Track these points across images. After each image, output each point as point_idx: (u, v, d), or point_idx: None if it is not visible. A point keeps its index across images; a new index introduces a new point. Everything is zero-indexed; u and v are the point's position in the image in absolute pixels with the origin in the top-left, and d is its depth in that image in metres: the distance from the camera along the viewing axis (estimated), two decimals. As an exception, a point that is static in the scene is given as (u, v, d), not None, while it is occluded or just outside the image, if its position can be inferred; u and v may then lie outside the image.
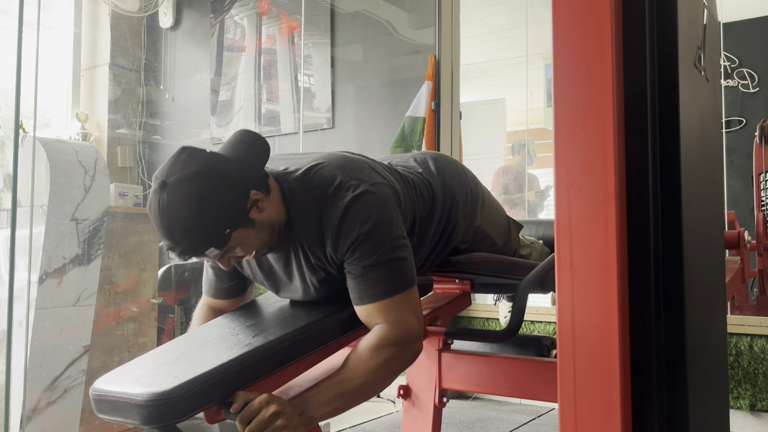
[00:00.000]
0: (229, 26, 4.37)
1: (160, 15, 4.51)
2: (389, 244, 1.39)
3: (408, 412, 1.89)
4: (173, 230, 1.28)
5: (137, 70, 4.50)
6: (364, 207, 1.38)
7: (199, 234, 1.29)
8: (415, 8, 3.69)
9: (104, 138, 4.30)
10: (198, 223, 1.28)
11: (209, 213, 1.28)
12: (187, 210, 1.27)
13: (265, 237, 1.39)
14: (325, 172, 1.44)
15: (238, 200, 1.32)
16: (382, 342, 1.36)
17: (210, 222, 1.28)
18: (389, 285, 1.38)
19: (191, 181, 1.28)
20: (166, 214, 1.28)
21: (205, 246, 1.30)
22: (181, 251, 1.30)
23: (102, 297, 2.92)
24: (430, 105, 3.33)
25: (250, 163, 1.36)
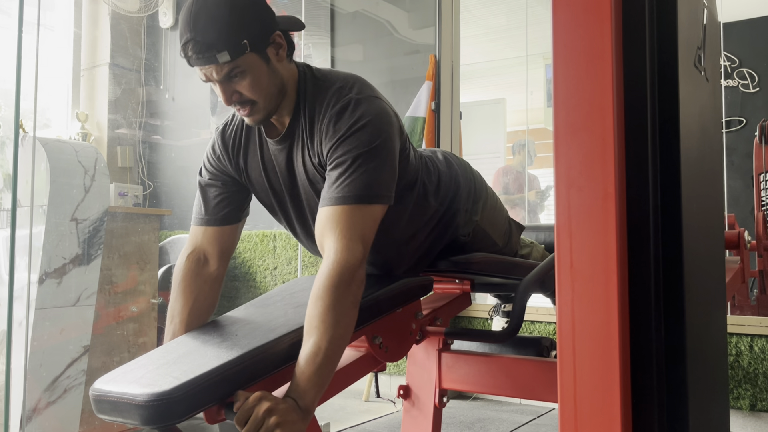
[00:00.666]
0: (229, 26, 4.37)
1: (160, 15, 4.51)
2: (372, 148, 1.38)
3: (408, 412, 1.89)
4: (197, 19, 1.32)
5: (137, 70, 4.50)
6: (366, 109, 1.40)
7: (220, 28, 1.32)
8: (415, 8, 3.69)
9: (104, 138, 4.30)
10: (223, 17, 1.32)
11: (236, 14, 1.33)
12: (216, 5, 1.32)
13: (271, 87, 1.42)
14: (343, 74, 1.50)
15: (265, 25, 1.38)
16: (328, 282, 1.31)
17: (234, 22, 1.33)
18: (352, 191, 1.35)
19: None
20: (195, 7, 1.32)
21: (221, 44, 1.32)
22: (196, 43, 1.32)
23: (102, 297, 2.92)
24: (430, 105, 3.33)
25: (283, 21, 1.44)
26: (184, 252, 1.59)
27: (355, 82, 1.47)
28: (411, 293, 1.64)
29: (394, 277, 1.65)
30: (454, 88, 3.48)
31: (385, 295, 1.55)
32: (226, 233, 1.59)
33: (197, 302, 1.55)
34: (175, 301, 1.56)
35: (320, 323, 1.28)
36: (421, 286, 1.67)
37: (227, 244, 1.60)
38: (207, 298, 1.58)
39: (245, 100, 1.42)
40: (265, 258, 4.00)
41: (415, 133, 3.30)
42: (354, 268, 1.33)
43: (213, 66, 1.36)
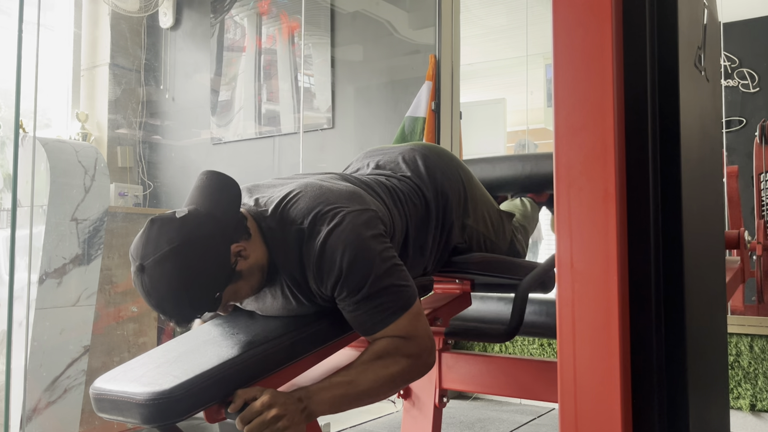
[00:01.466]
0: (229, 26, 4.37)
1: (160, 15, 4.51)
2: (375, 272, 1.33)
3: (408, 412, 1.89)
4: (164, 308, 1.27)
5: (137, 70, 4.50)
6: (342, 239, 1.32)
7: (190, 306, 1.28)
8: (415, 8, 3.69)
9: (104, 138, 4.30)
10: (185, 297, 1.25)
11: (194, 285, 1.25)
12: (171, 289, 1.24)
13: (254, 281, 1.37)
14: (299, 204, 1.39)
15: (221, 262, 1.28)
16: (399, 352, 1.33)
17: (197, 293, 1.26)
18: (389, 310, 1.34)
19: (168, 260, 1.23)
20: (153, 296, 1.25)
21: (199, 313, 1.31)
22: (176, 322, 1.31)
23: (102, 297, 2.92)
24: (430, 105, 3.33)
25: (225, 211, 1.31)
26: None
27: (312, 210, 1.37)
28: (411, 293, 1.64)
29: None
30: (454, 88, 3.48)
31: (385, 295, 1.55)
32: None
33: None
34: None
35: (377, 374, 1.32)
36: (421, 286, 1.67)
37: None
38: None
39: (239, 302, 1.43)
40: (265, 258, 3.99)
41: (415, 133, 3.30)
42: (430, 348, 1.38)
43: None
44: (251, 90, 4.24)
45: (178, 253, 1.23)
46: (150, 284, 1.24)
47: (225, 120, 4.33)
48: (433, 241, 1.63)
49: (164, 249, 1.23)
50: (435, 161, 1.70)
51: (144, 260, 1.25)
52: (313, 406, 1.27)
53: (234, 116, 4.29)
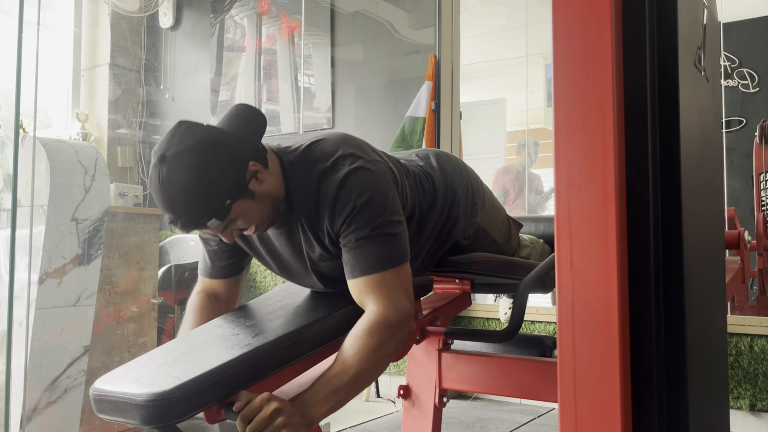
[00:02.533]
0: (229, 26, 4.37)
1: (160, 15, 4.51)
2: (384, 219, 1.39)
3: (408, 412, 1.89)
4: (174, 202, 1.30)
5: (137, 70, 4.50)
6: (361, 180, 1.39)
7: (200, 205, 1.30)
8: (415, 8, 3.69)
9: (104, 138, 4.30)
10: (198, 194, 1.29)
11: (209, 184, 1.29)
12: (187, 182, 1.28)
13: (265, 210, 1.40)
14: (324, 147, 1.45)
15: (237, 171, 1.33)
16: (374, 326, 1.34)
17: (210, 193, 1.30)
18: (381, 258, 1.38)
19: (189, 153, 1.29)
20: (166, 187, 1.29)
21: (207, 217, 1.31)
22: (183, 223, 1.31)
23: (102, 297, 2.92)
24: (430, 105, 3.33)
25: (248, 135, 1.37)
26: (196, 290, 1.65)
27: (336, 151, 1.43)
28: (411, 293, 1.64)
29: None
30: (454, 88, 3.48)
31: (385, 295, 1.55)
32: (231, 282, 1.63)
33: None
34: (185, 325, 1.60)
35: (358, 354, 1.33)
36: (421, 286, 1.67)
37: (235, 289, 1.65)
38: None
39: (247, 229, 1.42)
40: (265, 258, 3.99)
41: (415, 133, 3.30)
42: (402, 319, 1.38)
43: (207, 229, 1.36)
44: (251, 90, 4.24)
45: (200, 149, 1.29)
46: (167, 175, 1.29)
47: (225, 120, 4.32)
48: (434, 227, 1.65)
49: (188, 142, 1.29)
50: (446, 159, 1.76)
51: (167, 151, 1.30)
52: (310, 412, 1.28)
53: (234, 116, 4.29)
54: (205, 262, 1.63)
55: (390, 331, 1.35)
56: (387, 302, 1.36)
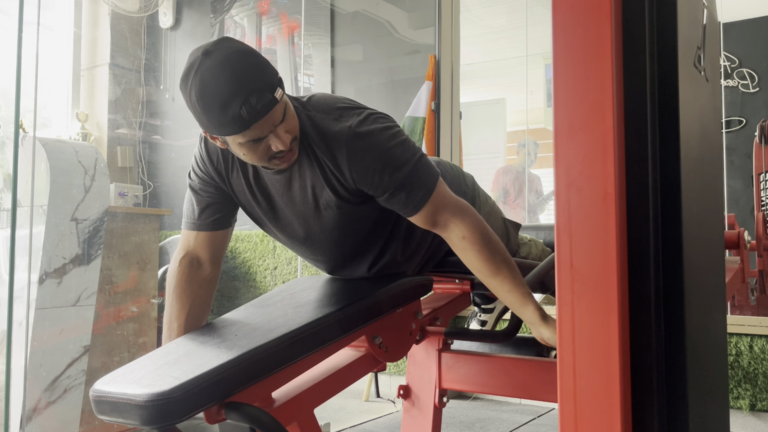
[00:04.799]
0: (229, 26, 4.37)
1: (160, 15, 4.51)
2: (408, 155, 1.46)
3: (408, 412, 1.89)
4: (245, 80, 1.28)
5: (137, 70, 4.50)
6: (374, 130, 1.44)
7: (259, 72, 1.31)
8: (415, 8, 3.69)
9: (104, 138, 4.30)
10: (254, 65, 1.31)
11: (258, 60, 1.33)
12: (247, 57, 1.31)
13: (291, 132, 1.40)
14: (333, 96, 1.52)
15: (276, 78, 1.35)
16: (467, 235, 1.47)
17: (263, 65, 1.33)
18: (428, 185, 1.47)
19: (234, 43, 1.33)
20: (228, 67, 1.27)
21: (270, 84, 1.31)
22: (254, 92, 1.28)
23: (102, 297, 2.92)
24: (430, 105, 3.33)
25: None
26: (177, 255, 1.60)
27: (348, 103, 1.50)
28: (411, 293, 1.64)
29: (395, 277, 1.66)
30: (454, 88, 3.48)
31: (385, 295, 1.55)
32: (217, 238, 1.59)
33: (194, 306, 1.57)
34: (172, 306, 1.56)
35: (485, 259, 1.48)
36: (421, 286, 1.67)
37: (219, 248, 1.61)
38: (203, 301, 1.59)
39: (293, 140, 1.41)
40: (265, 258, 4.00)
41: (415, 134, 3.30)
42: (471, 211, 1.51)
43: (273, 111, 1.33)
44: (251, 90, 4.24)
45: (244, 48, 1.34)
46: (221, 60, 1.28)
47: (225, 120, 4.32)
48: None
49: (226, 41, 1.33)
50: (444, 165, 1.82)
51: (209, 47, 1.31)
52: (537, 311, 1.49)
53: (234, 116, 4.29)
54: (191, 214, 1.58)
55: (476, 225, 1.49)
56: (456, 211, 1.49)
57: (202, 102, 1.29)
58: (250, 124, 1.30)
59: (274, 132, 1.36)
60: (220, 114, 1.29)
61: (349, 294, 1.56)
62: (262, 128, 1.33)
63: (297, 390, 1.42)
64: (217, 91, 1.28)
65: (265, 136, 1.36)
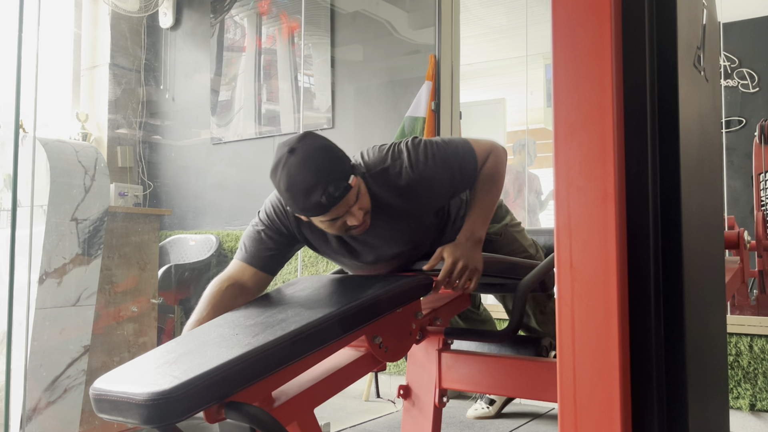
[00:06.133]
0: (229, 26, 4.37)
1: (160, 15, 4.51)
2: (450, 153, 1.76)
3: (408, 412, 1.89)
4: (324, 173, 1.52)
5: (137, 70, 4.50)
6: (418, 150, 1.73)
7: (337, 163, 1.56)
8: (415, 8, 3.69)
9: (104, 138, 4.30)
10: (331, 158, 1.56)
11: (336, 162, 1.57)
12: (325, 154, 1.56)
13: (367, 203, 1.65)
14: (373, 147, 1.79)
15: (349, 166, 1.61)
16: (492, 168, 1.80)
17: (338, 168, 1.56)
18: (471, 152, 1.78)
19: (316, 144, 1.57)
20: (310, 163, 1.53)
21: (345, 173, 1.55)
22: (333, 181, 1.52)
23: (102, 297, 2.92)
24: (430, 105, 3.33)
25: None
26: (224, 279, 1.76)
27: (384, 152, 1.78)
28: (411, 293, 1.65)
29: (394, 277, 1.66)
30: (454, 88, 3.48)
31: (385, 295, 1.55)
32: (264, 277, 1.78)
33: None
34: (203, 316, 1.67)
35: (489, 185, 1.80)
36: (421, 286, 1.67)
37: (262, 285, 1.79)
38: None
39: (365, 213, 1.65)
40: (265, 258, 3.99)
41: (415, 133, 3.30)
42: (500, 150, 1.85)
43: (348, 196, 1.56)
44: (251, 90, 4.24)
45: (322, 140, 1.60)
46: (304, 156, 1.54)
47: (225, 120, 4.33)
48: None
49: (309, 138, 1.59)
50: None
51: (293, 144, 1.56)
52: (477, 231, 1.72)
53: (234, 116, 4.29)
54: (250, 250, 1.77)
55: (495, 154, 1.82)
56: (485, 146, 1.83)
57: (290, 192, 1.54)
58: (329, 208, 1.55)
59: (349, 211, 1.60)
60: (304, 201, 1.54)
61: (349, 294, 1.56)
62: (339, 210, 1.57)
63: (297, 390, 1.42)
64: (301, 182, 1.53)
65: (342, 216, 1.59)
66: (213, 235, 4.16)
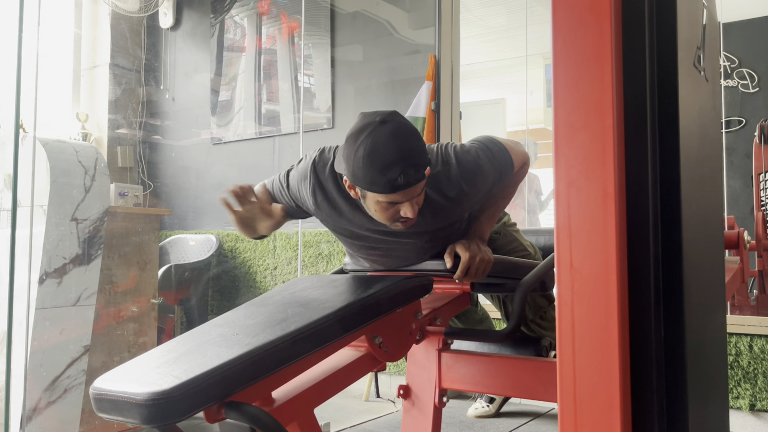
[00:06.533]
0: (229, 26, 4.37)
1: (160, 15, 4.51)
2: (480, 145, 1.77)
3: (408, 412, 1.89)
4: (408, 153, 1.51)
5: (137, 70, 4.50)
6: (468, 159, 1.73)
7: (420, 151, 1.54)
8: (415, 8, 3.69)
9: (104, 138, 4.30)
10: (419, 143, 1.56)
11: (423, 143, 1.59)
12: (412, 134, 1.55)
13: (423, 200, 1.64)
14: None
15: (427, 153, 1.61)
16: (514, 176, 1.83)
17: (424, 149, 1.57)
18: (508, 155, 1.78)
19: (405, 120, 1.58)
20: (399, 139, 1.51)
21: (423, 164, 1.54)
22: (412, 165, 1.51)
23: (102, 297, 2.92)
24: (430, 105, 3.33)
25: None
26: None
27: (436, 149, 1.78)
28: (411, 293, 1.65)
29: (394, 277, 1.66)
30: (454, 88, 3.48)
31: (385, 295, 1.55)
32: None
33: None
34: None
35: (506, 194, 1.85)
36: (421, 286, 1.67)
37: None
38: None
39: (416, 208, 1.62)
40: (265, 258, 4.00)
41: (415, 133, 3.30)
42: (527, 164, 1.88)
43: (419, 185, 1.56)
44: (251, 90, 4.24)
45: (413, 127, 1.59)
46: (394, 129, 1.52)
47: (225, 120, 4.33)
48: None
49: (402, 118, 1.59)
50: None
51: (384, 117, 1.55)
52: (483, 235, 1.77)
53: (234, 116, 4.29)
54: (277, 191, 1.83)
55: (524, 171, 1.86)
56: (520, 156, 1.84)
57: (368, 159, 1.51)
58: (399, 189, 1.52)
59: (410, 201, 1.58)
60: (379, 174, 1.51)
61: (349, 294, 1.56)
62: (405, 195, 1.56)
63: (297, 390, 1.42)
64: (385, 154, 1.50)
65: (402, 202, 1.57)
66: (213, 235, 4.16)
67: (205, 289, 4.14)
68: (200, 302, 4.09)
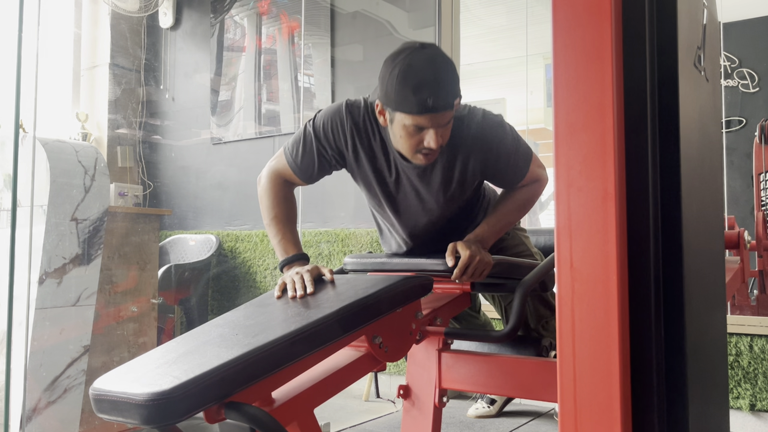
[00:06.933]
0: (229, 26, 4.37)
1: (160, 15, 4.51)
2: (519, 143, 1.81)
3: (408, 412, 1.89)
4: (442, 77, 1.53)
5: (137, 70, 4.50)
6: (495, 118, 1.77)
7: (454, 81, 1.56)
8: (415, 8, 3.69)
9: (104, 138, 4.31)
10: (453, 73, 1.57)
11: (457, 75, 1.60)
12: (448, 63, 1.57)
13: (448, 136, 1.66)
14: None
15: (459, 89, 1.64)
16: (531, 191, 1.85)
17: (456, 78, 1.59)
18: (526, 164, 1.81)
19: (443, 52, 1.61)
20: (435, 63, 1.54)
21: (454, 94, 1.56)
22: (442, 90, 1.53)
23: (102, 297, 2.92)
24: (430, 105, 3.32)
25: None
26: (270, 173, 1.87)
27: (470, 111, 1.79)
28: (411, 293, 1.64)
29: (394, 277, 1.66)
30: (454, 88, 3.47)
31: (385, 295, 1.55)
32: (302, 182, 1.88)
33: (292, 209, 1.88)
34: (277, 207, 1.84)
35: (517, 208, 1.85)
36: (421, 286, 1.67)
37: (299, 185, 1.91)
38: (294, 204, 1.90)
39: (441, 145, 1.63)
40: (265, 258, 4.00)
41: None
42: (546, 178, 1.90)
43: (447, 112, 1.57)
44: (251, 90, 4.24)
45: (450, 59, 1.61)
46: (431, 56, 1.55)
47: (225, 120, 4.33)
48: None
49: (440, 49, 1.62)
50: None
51: (425, 44, 1.59)
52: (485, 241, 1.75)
53: (234, 116, 4.29)
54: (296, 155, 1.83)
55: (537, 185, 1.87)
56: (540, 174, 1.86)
57: (402, 77, 1.54)
58: (427, 111, 1.54)
59: (436, 129, 1.58)
60: (412, 92, 1.53)
61: (349, 294, 1.56)
62: (431, 121, 1.57)
63: (297, 390, 1.42)
64: (420, 73, 1.53)
65: (427, 128, 1.58)
66: (213, 235, 4.16)
67: (205, 289, 4.14)
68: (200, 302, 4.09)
